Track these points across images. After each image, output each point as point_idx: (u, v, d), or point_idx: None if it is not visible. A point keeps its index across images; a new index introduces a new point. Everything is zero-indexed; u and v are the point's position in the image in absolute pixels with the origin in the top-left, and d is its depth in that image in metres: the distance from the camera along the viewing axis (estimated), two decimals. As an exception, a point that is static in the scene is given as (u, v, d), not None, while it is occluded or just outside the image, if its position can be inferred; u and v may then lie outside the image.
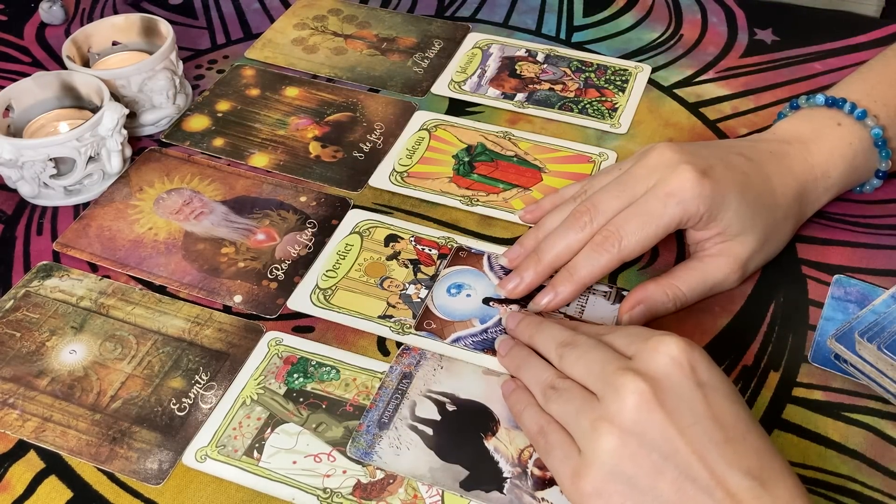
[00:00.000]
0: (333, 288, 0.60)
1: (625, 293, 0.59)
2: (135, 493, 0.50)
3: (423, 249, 0.62)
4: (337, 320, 0.58)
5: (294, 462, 0.51)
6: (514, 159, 0.69)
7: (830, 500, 0.49)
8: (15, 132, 0.68)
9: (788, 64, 0.77)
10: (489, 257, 0.62)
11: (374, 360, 0.56)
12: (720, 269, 0.57)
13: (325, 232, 0.64)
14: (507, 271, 0.60)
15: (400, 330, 0.57)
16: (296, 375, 0.55)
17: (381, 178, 0.68)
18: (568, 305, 0.58)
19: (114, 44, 0.75)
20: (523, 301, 0.58)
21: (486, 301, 0.59)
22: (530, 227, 0.63)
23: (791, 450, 0.51)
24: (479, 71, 0.78)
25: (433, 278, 0.60)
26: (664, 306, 0.56)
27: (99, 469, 0.51)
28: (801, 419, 0.52)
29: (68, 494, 0.50)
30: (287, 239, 0.64)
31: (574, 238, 0.56)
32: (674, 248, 0.62)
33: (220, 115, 0.75)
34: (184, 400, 0.54)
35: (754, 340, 0.57)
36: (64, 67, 0.71)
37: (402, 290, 0.60)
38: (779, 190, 0.57)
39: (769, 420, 0.52)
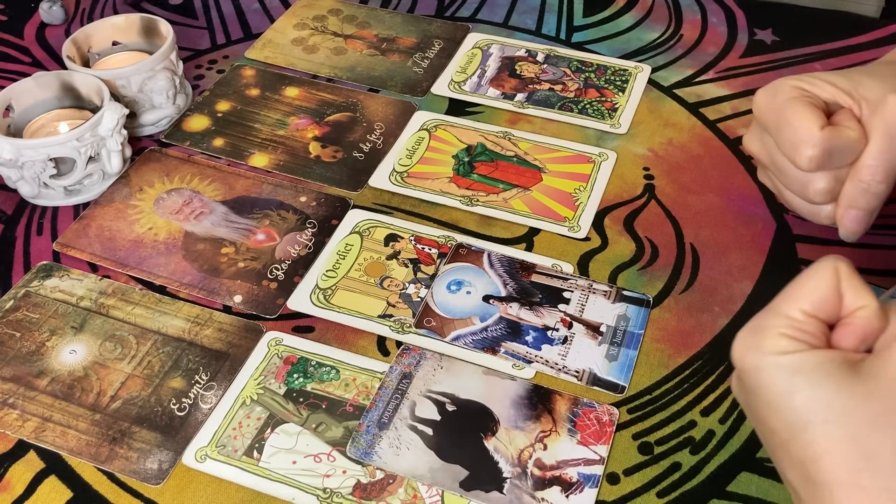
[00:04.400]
0: (333, 288, 0.60)
1: (625, 293, 0.59)
2: (135, 493, 0.50)
3: (423, 248, 0.62)
4: (337, 320, 0.58)
5: (294, 462, 0.51)
6: (514, 159, 0.69)
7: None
8: (15, 132, 0.68)
9: (788, 64, 0.77)
10: (489, 255, 0.62)
11: (374, 360, 0.56)
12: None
13: (325, 232, 0.64)
14: (508, 270, 0.60)
15: (400, 329, 0.57)
16: (296, 375, 0.55)
17: (381, 178, 0.68)
18: (569, 304, 0.58)
19: (114, 44, 0.75)
20: (522, 300, 0.58)
21: (487, 299, 0.59)
22: (530, 227, 0.63)
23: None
24: (479, 71, 0.78)
25: (433, 277, 0.60)
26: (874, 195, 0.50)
27: (99, 469, 0.51)
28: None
29: (68, 494, 0.50)
30: (287, 239, 0.64)
31: None
32: (674, 248, 0.62)
33: (220, 115, 0.75)
34: (184, 400, 0.54)
35: (754, 340, 0.56)
36: (64, 67, 0.71)
37: (402, 289, 0.60)
38: None
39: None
